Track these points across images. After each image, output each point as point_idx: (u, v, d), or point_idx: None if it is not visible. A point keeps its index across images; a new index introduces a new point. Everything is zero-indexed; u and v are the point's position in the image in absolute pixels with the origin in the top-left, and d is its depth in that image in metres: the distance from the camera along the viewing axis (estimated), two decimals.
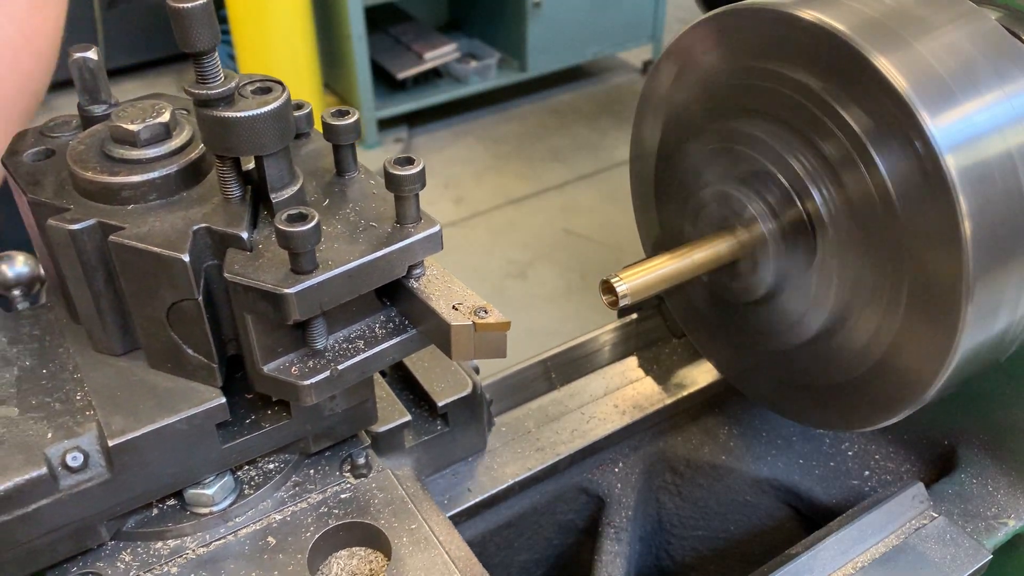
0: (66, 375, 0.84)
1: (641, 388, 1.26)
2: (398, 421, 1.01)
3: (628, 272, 0.94)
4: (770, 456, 1.20)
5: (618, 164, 4.94)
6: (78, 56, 0.84)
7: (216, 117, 0.73)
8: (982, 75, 0.83)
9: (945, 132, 0.78)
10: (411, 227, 0.80)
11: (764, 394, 1.11)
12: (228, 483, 0.87)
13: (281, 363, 0.81)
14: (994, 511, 1.07)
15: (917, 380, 0.88)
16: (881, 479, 1.15)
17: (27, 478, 0.76)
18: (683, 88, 1.04)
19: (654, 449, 1.23)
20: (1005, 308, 0.85)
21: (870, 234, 0.87)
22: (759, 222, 0.96)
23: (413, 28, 5.55)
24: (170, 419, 0.80)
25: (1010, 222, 0.81)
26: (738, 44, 0.95)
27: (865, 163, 0.84)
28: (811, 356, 0.99)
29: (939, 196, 0.79)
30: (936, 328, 0.84)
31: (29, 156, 0.86)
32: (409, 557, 0.83)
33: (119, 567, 0.84)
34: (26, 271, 1.14)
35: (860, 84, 0.82)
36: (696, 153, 1.04)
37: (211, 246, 0.78)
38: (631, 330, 1.34)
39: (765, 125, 0.93)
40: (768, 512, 1.21)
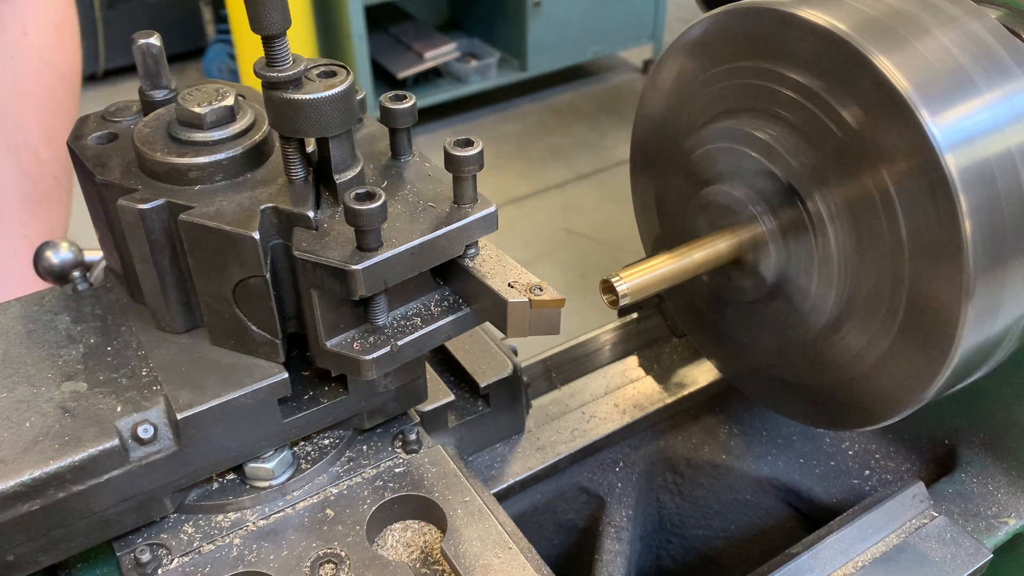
0: (130, 352, 0.86)
1: (641, 387, 1.26)
2: (442, 401, 1.04)
3: (628, 271, 0.94)
4: (770, 455, 1.20)
5: (618, 163, 4.97)
6: (142, 42, 0.87)
7: (285, 99, 0.76)
8: (982, 74, 0.83)
9: (945, 131, 0.78)
10: (468, 207, 0.83)
11: (764, 393, 1.11)
12: (286, 457, 0.90)
13: (343, 339, 0.83)
14: (994, 510, 1.07)
15: (917, 379, 0.88)
16: (881, 478, 1.15)
17: (100, 449, 0.78)
18: (683, 87, 1.04)
19: (654, 448, 1.23)
20: (1005, 307, 0.85)
21: (870, 233, 0.87)
22: (759, 221, 0.96)
23: (413, 27, 5.57)
24: (235, 393, 0.82)
25: (1010, 221, 0.81)
26: (738, 43, 0.94)
27: (865, 163, 0.84)
28: (811, 355, 0.99)
29: (939, 195, 0.79)
30: (936, 327, 0.84)
31: (93, 140, 0.88)
32: (464, 528, 0.86)
33: (182, 538, 0.86)
34: (70, 257, 1.16)
35: (860, 83, 0.82)
36: (696, 152, 1.04)
37: (277, 225, 0.80)
38: (631, 329, 1.34)
39: (765, 124, 0.94)
40: (768, 511, 1.22)
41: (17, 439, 0.78)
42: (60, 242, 1.17)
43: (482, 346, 1.13)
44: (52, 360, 0.86)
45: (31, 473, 0.76)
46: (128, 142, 0.88)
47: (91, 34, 5.47)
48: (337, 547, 0.84)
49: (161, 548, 0.85)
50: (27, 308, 0.91)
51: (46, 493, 0.77)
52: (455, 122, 5.35)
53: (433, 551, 0.88)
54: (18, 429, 0.79)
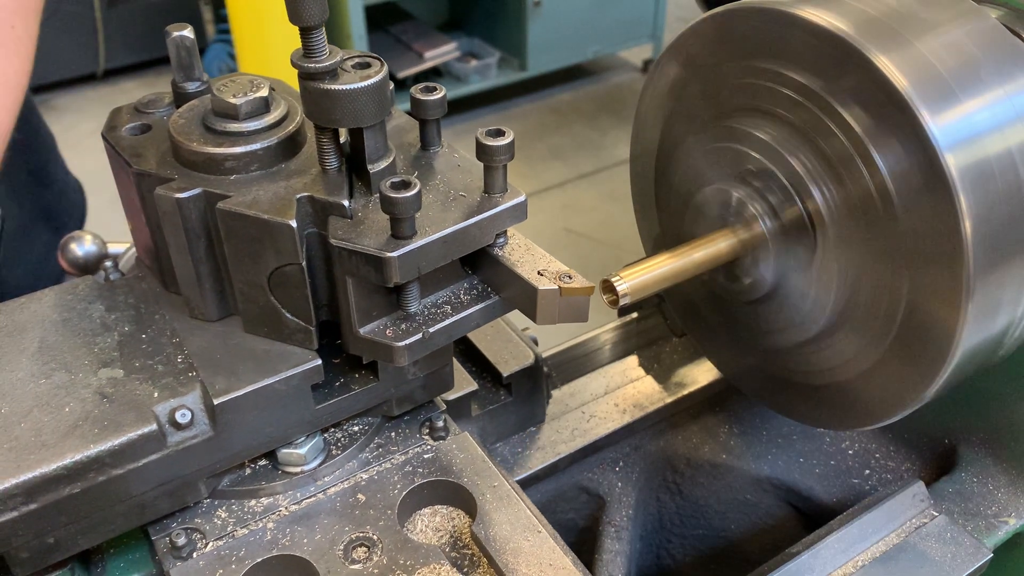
0: (165, 339, 0.88)
1: (641, 387, 1.26)
2: (466, 390, 1.06)
3: (628, 271, 0.94)
4: (770, 455, 1.20)
5: (618, 163, 4.99)
6: (176, 35, 0.88)
7: (322, 90, 0.77)
8: (982, 74, 0.83)
9: (945, 131, 0.78)
10: (499, 196, 0.84)
11: (764, 393, 1.11)
12: (318, 443, 0.91)
13: (376, 326, 0.85)
14: (994, 510, 1.07)
15: (917, 379, 0.88)
16: (881, 478, 1.16)
17: (139, 433, 0.80)
18: (683, 87, 1.04)
19: (655, 448, 1.23)
20: (1005, 307, 0.85)
21: (870, 233, 0.87)
22: (759, 221, 0.96)
23: (413, 27, 5.58)
24: (270, 379, 0.83)
25: (1010, 221, 0.81)
26: (738, 43, 0.95)
27: (865, 162, 0.84)
28: (811, 355, 0.99)
29: (939, 195, 0.79)
30: (937, 327, 0.84)
31: (127, 131, 0.90)
32: (494, 512, 0.87)
33: (216, 523, 0.88)
34: (94, 249, 1.18)
35: (860, 83, 0.82)
36: (696, 152, 1.05)
37: (311, 214, 0.82)
38: (631, 329, 1.34)
39: (765, 124, 0.94)
40: (768, 511, 1.22)
41: (58, 423, 0.79)
42: (84, 234, 1.19)
43: (503, 336, 1.14)
44: (88, 347, 0.87)
45: (72, 456, 0.77)
46: (161, 133, 0.89)
47: (91, 34, 5.48)
48: (369, 531, 0.86)
49: (196, 532, 0.87)
50: (61, 297, 0.93)
51: (87, 476, 0.78)
52: (455, 122, 5.36)
53: (462, 535, 0.89)
54: (58, 414, 0.80)
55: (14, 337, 0.88)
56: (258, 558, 0.84)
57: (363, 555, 0.84)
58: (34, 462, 0.76)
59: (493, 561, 0.84)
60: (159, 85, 5.82)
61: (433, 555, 0.83)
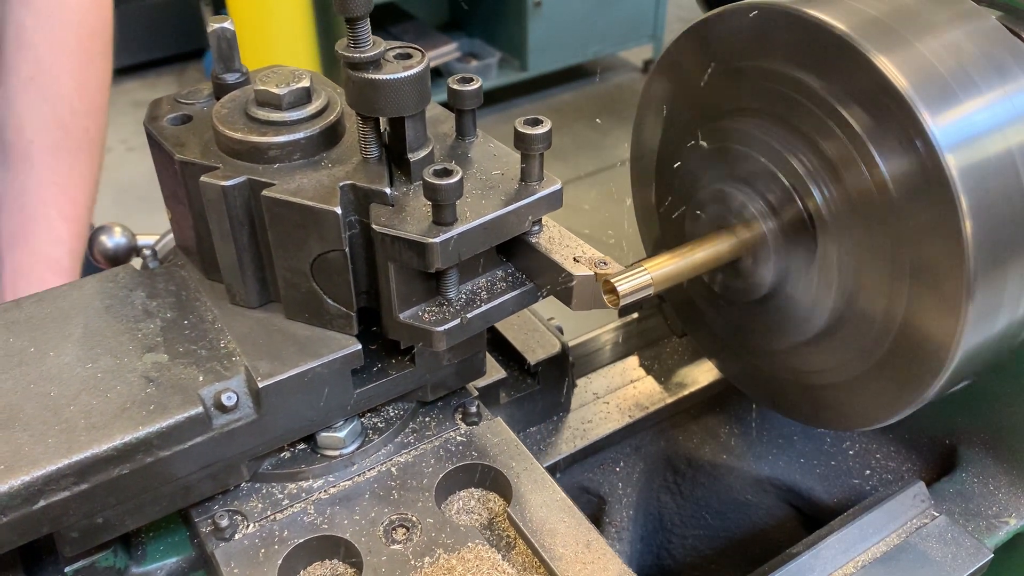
0: (207, 325, 0.90)
1: (642, 387, 1.25)
2: (495, 377, 1.08)
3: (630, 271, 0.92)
4: (771, 455, 1.20)
5: (618, 163, 5.01)
6: (217, 26, 0.90)
7: (366, 79, 0.79)
8: (983, 74, 0.83)
9: (946, 131, 0.78)
10: (535, 184, 0.86)
11: (765, 393, 1.10)
12: (356, 427, 0.93)
13: (415, 311, 0.87)
14: (995, 510, 1.07)
15: (918, 379, 0.88)
16: (882, 478, 1.16)
17: (186, 416, 0.81)
18: (684, 87, 1.04)
19: (655, 448, 1.23)
20: (1006, 307, 0.85)
21: (870, 233, 0.87)
22: (760, 221, 0.96)
23: (413, 27, 5.60)
24: (312, 363, 0.85)
25: (1011, 221, 0.81)
26: (739, 43, 0.94)
27: (866, 162, 0.84)
28: (812, 355, 0.99)
29: (940, 195, 0.79)
30: (937, 327, 0.84)
31: (169, 121, 0.92)
32: (529, 495, 0.89)
33: (257, 505, 0.90)
34: (123, 241, 1.20)
35: (861, 83, 0.82)
36: (697, 152, 1.04)
37: (354, 202, 0.84)
38: (632, 329, 1.34)
39: (765, 124, 0.94)
40: (769, 511, 1.21)
41: (106, 406, 0.81)
42: (113, 226, 1.21)
43: (530, 325, 1.16)
44: (131, 333, 0.89)
45: (122, 438, 0.79)
46: (202, 123, 0.91)
47: None
48: (408, 512, 0.87)
49: (237, 514, 0.88)
50: (102, 285, 0.94)
51: (135, 458, 0.80)
52: None
53: (497, 518, 0.91)
54: (105, 397, 0.82)
55: (59, 323, 0.90)
56: (300, 538, 0.85)
57: (403, 536, 0.86)
58: (85, 443, 0.78)
59: (530, 542, 0.86)
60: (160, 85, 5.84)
61: (472, 535, 0.85)
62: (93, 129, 1.52)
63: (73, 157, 1.47)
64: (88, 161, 1.50)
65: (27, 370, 0.84)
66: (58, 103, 1.47)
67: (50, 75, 1.47)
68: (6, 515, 0.75)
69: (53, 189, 1.43)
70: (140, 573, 0.92)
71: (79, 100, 1.49)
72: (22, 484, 0.75)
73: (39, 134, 1.45)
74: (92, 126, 1.52)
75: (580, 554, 0.84)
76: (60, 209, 1.43)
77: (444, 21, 5.85)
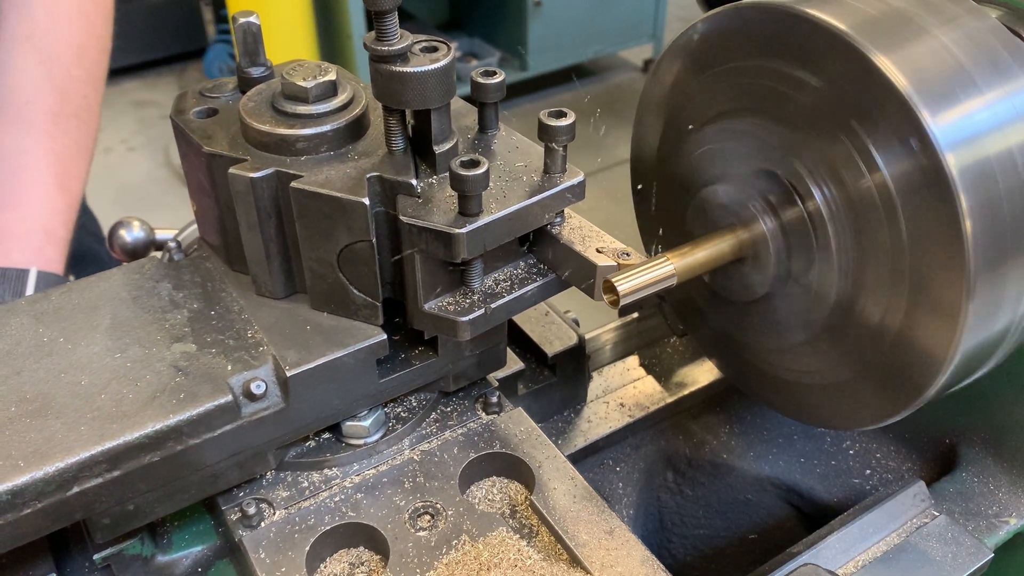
0: (233, 316, 0.91)
1: (642, 387, 1.25)
2: (514, 369, 1.09)
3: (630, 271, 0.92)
4: (771, 455, 1.20)
5: (619, 163, 5.02)
6: (243, 20, 0.91)
7: (394, 72, 0.81)
8: (983, 74, 0.83)
9: (946, 131, 0.78)
10: (558, 176, 0.88)
11: (765, 393, 1.10)
12: (380, 416, 0.94)
13: (439, 302, 0.88)
14: (995, 510, 1.07)
15: (918, 379, 0.88)
16: (882, 478, 1.16)
17: (215, 404, 0.82)
18: (684, 87, 1.04)
19: (655, 448, 1.23)
20: (1006, 307, 0.85)
21: (871, 233, 0.86)
22: (760, 221, 0.96)
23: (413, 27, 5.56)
24: (339, 353, 0.86)
25: (1011, 220, 0.81)
26: (739, 42, 0.94)
27: (866, 162, 0.84)
28: (811, 355, 0.99)
29: (940, 195, 0.79)
30: (937, 327, 0.84)
31: (195, 114, 0.93)
32: (551, 483, 0.91)
33: (283, 493, 0.91)
34: (142, 236, 1.21)
35: (861, 83, 0.82)
36: (697, 152, 1.04)
37: (379, 193, 0.85)
38: (632, 329, 1.33)
39: (766, 123, 0.94)
40: (769, 511, 1.22)
41: (136, 395, 0.82)
42: (132, 220, 1.22)
43: (547, 318, 1.17)
44: (159, 324, 0.90)
45: (153, 426, 0.80)
46: (228, 116, 0.92)
47: None
48: (433, 500, 0.89)
49: (264, 503, 0.89)
50: (128, 276, 0.95)
51: (165, 445, 0.81)
52: None
53: (519, 507, 0.92)
54: (135, 386, 0.83)
55: (87, 314, 0.91)
56: (327, 526, 0.87)
57: (428, 523, 0.87)
58: (117, 431, 0.79)
59: (553, 529, 0.87)
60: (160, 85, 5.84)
61: (496, 522, 0.87)
62: (91, 97, 1.47)
63: (70, 125, 1.42)
64: (85, 132, 1.46)
65: (58, 360, 0.86)
66: (55, 67, 1.42)
67: (48, 36, 1.41)
68: (40, 501, 0.76)
69: (50, 156, 1.39)
70: (166, 561, 0.93)
71: (77, 66, 1.44)
72: (56, 471, 0.76)
73: (36, 96, 1.39)
74: (91, 94, 1.47)
75: (603, 541, 0.86)
76: (57, 178, 1.39)
77: (444, 20, 5.86)
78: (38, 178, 1.37)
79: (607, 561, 0.84)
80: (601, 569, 0.83)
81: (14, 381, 0.83)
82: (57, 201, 1.38)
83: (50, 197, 1.38)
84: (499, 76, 0.90)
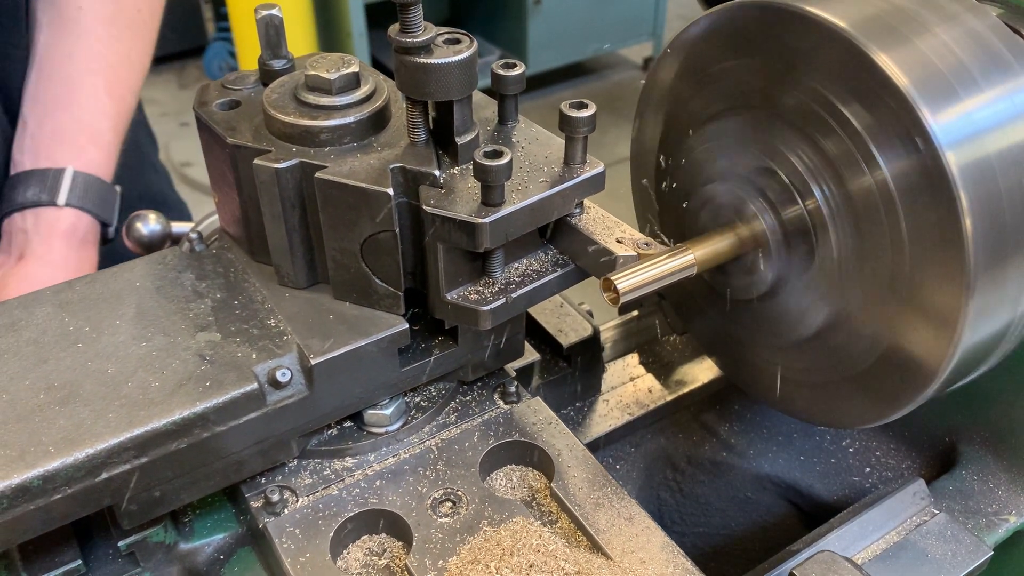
0: (256, 305, 0.92)
1: (642, 385, 1.25)
2: (530, 360, 1.10)
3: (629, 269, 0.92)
4: (771, 453, 1.20)
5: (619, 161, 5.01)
6: (265, 13, 0.92)
7: (417, 63, 0.82)
8: (983, 72, 0.82)
9: (946, 129, 0.78)
10: (578, 167, 0.89)
11: (765, 391, 1.10)
12: (401, 405, 0.95)
13: (461, 291, 0.89)
14: (995, 507, 1.06)
15: (918, 377, 0.88)
16: (882, 476, 1.15)
17: (241, 392, 0.83)
18: (684, 85, 1.04)
19: (655, 446, 1.23)
20: (1006, 305, 0.85)
21: (871, 231, 0.86)
22: (760, 219, 0.96)
23: None
24: (362, 342, 0.88)
25: (1011, 219, 0.81)
26: (739, 40, 0.94)
27: (866, 160, 0.84)
28: (812, 353, 0.99)
29: (940, 193, 0.78)
30: (937, 325, 0.84)
31: (218, 106, 0.93)
32: (571, 470, 0.92)
33: (305, 481, 0.92)
34: (158, 229, 1.22)
35: (861, 80, 0.82)
36: (696, 150, 1.04)
37: (402, 184, 0.86)
38: (632, 327, 1.33)
39: (765, 122, 0.93)
40: (769, 509, 1.21)
41: (163, 383, 0.83)
42: (148, 214, 1.23)
43: (560, 310, 1.18)
44: (183, 313, 0.91)
45: (181, 413, 0.81)
46: (251, 108, 0.93)
47: None
48: (454, 487, 0.90)
49: (287, 490, 0.90)
50: (151, 267, 0.96)
51: (192, 432, 0.82)
52: None
53: (538, 494, 0.93)
54: (162, 374, 0.84)
55: (111, 304, 0.92)
56: (350, 512, 0.88)
57: (449, 510, 0.88)
58: (144, 418, 0.80)
59: (574, 516, 0.88)
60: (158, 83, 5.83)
61: (517, 509, 0.88)
62: (146, 12, 1.46)
63: (123, 33, 1.42)
64: (139, 44, 1.45)
65: (84, 348, 0.86)
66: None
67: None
68: (71, 486, 0.77)
69: (101, 62, 1.39)
70: (188, 549, 0.94)
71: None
72: (86, 456, 0.77)
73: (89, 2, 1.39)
74: (145, 8, 1.46)
75: (623, 527, 0.87)
76: (107, 83, 1.38)
77: (444, 18, 5.87)
78: (89, 80, 1.37)
79: (627, 547, 0.85)
80: (622, 555, 0.84)
81: (41, 369, 0.84)
82: (105, 104, 1.38)
83: (98, 99, 1.37)
84: (519, 68, 0.91)
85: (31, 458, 0.76)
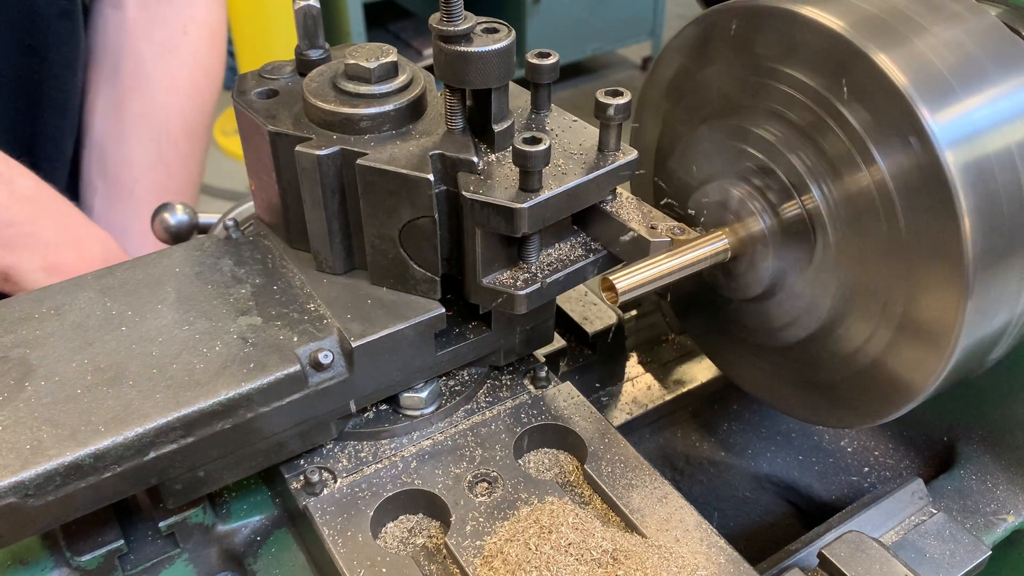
0: (295, 290, 0.93)
1: (640, 384, 1.25)
2: (557, 346, 1.12)
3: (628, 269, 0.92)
4: (769, 452, 1.20)
5: None
6: (303, 4, 0.94)
7: (458, 52, 0.83)
8: (982, 72, 0.82)
9: (945, 129, 0.78)
10: (612, 154, 0.91)
11: (763, 390, 1.09)
12: (436, 389, 0.97)
13: (497, 276, 0.91)
14: (993, 507, 1.06)
15: (916, 377, 0.88)
16: (880, 475, 1.15)
17: (285, 373, 0.85)
18: (682, 84, 1.04)
19: (653, 445, 1.23)
20: (1005, 305, 0.85)
21: (869, 231, 0.86)
22: (758, 218, 0.96)
23: (412, 25, 5.64)
24: (401, 325, 0.89)
25: (1010, 219, 0.81)
26: (738, 40, 0.94)
27: (865, 160, 0.84)
28: (810, 352, 0.99)
29: (939, 193, 0.78)
30: (936, 325, 0.84)
31: (256, 95, 0.95)
32: (603, 452, 0.94)
33: (343, 462, 0.93)
34: (185, 219, 1.23)
35: (859, 80, 0.82)
36: (695, 149, 1.04)
37: (441, 170, 0.88)
38: (631, 327, 1.33)
39: (764, 122, 0.94)
40: (767, 508, 1.21)
41: (207, 365, 0.85)
42: (176, 204, 1.24)
43: (585, 298, 1.20)
44: (223, 298, 0.92)
45: (226, 393, 0.82)
46: (289, 97, 0.95)
47: None
48: (489, 469, 0.91)
49: (326, 471, 0.92)
50: (189, 253, 0.98)
51: (237, 413, 0.84)
52: None
53: (571, 477, 0.95)
54: (205, 357, 0.86)
55: (152, 289, 0.93)
56: (389, 492, 0.89)
57: (485, 490, 0.90)
58: (191, 398, 0.82)
59: (607, 496, 0.90)
60: None
61: (552, 489, 0.89)
62: (195, 172, 1.57)
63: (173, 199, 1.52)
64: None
65: (128, 332, 0.88)
66: (166, 144, 1.51)
67: (163, 114, 1.51)
68: (120, 465, 0.79)
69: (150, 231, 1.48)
70: (226, 530, 0.96)
71: (185, 142, 1.54)
72: (135, 435, 0.79)
73: (145, 174, 1.50)
74: (195, 169, 1.57)
75: (656, 507, 0.89)
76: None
77: None
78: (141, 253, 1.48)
79: (662, 526, 0.87)
80: (656, 533, 0.86)
81: (88, 352, 0.86)
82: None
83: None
84: (553, 57, 0.93)
85: (82, 437, 0.78)
